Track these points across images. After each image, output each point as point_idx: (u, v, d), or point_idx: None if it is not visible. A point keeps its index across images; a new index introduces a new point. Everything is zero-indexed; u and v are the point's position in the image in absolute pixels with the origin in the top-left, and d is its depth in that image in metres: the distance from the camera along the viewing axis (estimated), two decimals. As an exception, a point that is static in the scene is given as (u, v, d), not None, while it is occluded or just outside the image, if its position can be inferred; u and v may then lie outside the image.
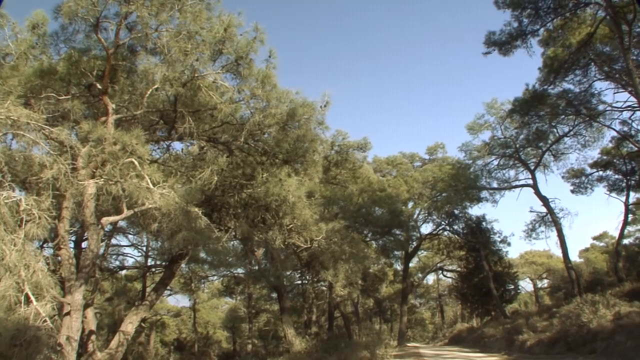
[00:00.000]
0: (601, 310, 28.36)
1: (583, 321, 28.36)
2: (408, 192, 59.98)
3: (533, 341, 33.84)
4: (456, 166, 60.23)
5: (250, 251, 34.78)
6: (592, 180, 55.34)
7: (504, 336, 40.46)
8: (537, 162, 55.26)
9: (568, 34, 41.88)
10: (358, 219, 52.61)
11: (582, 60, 43.67)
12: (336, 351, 33.59)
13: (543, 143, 53.57)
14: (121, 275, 47.58)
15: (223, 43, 20.36)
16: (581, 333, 27.94)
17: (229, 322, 76.02)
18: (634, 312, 26.23)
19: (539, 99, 45.77)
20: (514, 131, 54.66)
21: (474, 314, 73.24)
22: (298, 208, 25.32)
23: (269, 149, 25.15)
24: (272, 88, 23.25)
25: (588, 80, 45.89)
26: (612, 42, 41.06)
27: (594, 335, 26.72)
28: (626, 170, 50.87)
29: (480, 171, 58.09)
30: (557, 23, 41.22)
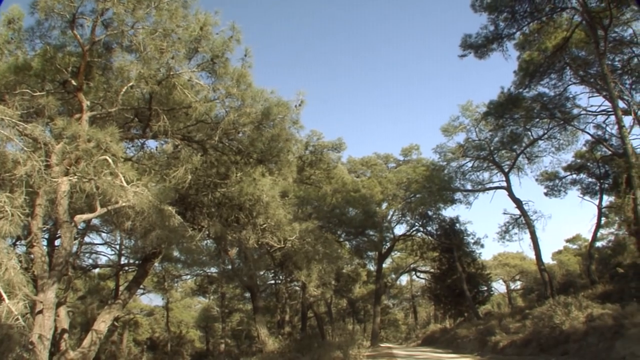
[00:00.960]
0: (574, 312, 28.53)
1: (555, 323, 28.54)
2: (382, 193, 60.13)
3: (506, 342, 34.02)
4: (430, 168, 60.51)
5: (223, 250, 34.65)
6: (565, 183, 55.73)
7: (477, 337, 40.65)
8: (511, 165, 55.66)
9: (544, 38, 42.25)
10: (332, 219, 52.64)
11: (557, 64, 44.10)
12: (309, 351, 33.54)
13: (517, 146, 53.98)
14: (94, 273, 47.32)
15: (199, 41, 20.31)
16: (554, 334, 28.12)
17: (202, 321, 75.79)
18: (606, 314, 26.39)
19: (514, 102, 46.10)
20: (488, 134, 55.07)
21: (447, 315, 73.55)
22: (272, 208, 25.22)
23: (243, 148, 25.06)
24: (248, 87, 23.20)
25: (563, 84, 46.46)
26: (588, 46, 41.52)
27: (567, 336, 26.90)
28: (600, 173, 51.23)
29: (454, 173, 58.51)
30: (533, 27, 41.59)
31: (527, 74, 44.48)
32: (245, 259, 37.42)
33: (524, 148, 54.23)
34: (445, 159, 59.27)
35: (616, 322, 24.51)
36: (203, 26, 20.08)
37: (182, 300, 78.23)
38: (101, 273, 49.56)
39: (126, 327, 63.19)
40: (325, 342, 40.24)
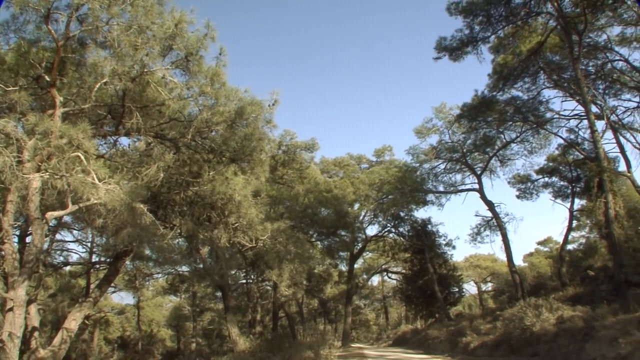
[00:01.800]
0: (544, 314, 28.67)
1: (526, 324, 28.66)
2: (354, 193, 60.16)
3: (476, 343, 34.14)
4: (403, 169, 60.61)
5: (195, 249, 34.58)
6: (537, 186, 56.14)
7: (448, 338, 40.74)
8: (484, 167, 55.96)
9: (519, 42, 42.60)
10: (304, 219, 52.60)
11: (531, 68, 44.52)
12: (280, 351, 33.51)
13: (490, 148, 54.32)
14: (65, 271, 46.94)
15: (174, 39, 20.19)
16: (524, 336, 28.24)
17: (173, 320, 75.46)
18: (576, 316, 26.56)
19: (488, 105, 46.37)
20: (461, 136, 55.29)
21: (418, 316, 73.73)
22: (244, 207, 25.21)
23: (216, 147, 24.96)
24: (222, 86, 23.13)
25: (537, 88, 46.97)
26: (562, 51, 41.94)
27: (537, 338, 27.04)
28: (572, 177, 51.62)
29: (427, 174, 58.70)
30: (508, 31, 41.91)
31: (501, 77, 44.80)
32: (216, 258, 37.41)
33: (496, 151, 54.56)
34: (418, 160, 59.39)
35: (586, 324, 24.69)
36: (178, 23, 19.97)
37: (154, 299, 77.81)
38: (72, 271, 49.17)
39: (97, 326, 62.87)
40: (296, 342, 40.19)
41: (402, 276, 74.34)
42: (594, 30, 42.56)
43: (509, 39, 42.93)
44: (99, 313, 61.13)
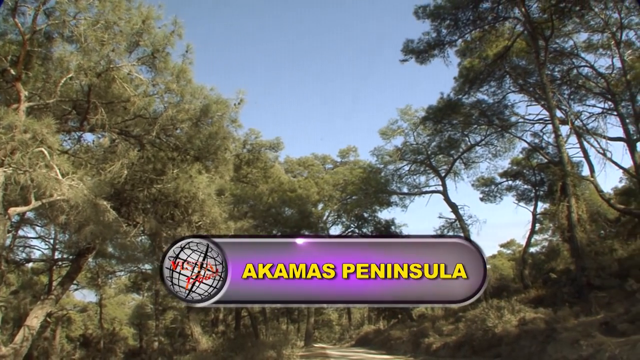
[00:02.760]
0: (506, 316, 28.82)
1: (488, 326, 28.77)
2: (318, 193, 60.20)
3: (439, 344, 34.28)
4: (367, 170, 60.58)
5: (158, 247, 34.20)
6: (501, 189, 56.55)
7: (410, 339, 40.84)
8: (448, 169, 56.19)
9: (485, 46, 42.87)
10: (267, 218, 52.61)
11: (497, 72, 44.79)
12: (242, 350, 33.38)
13: (455, 151, 54.56)
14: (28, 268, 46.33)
15: (140, 35, 20.11)
16: (486, 337, 28.36)
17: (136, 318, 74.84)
18: (538, 318, 26.77)
19: (453, 108, 46.61)
20: (426, 138, 55.43)
21: (380, 316, 73.71)
22: (207, 205, 25.13)
23: (180, 145, 24.89)
24: (187, 83, 23.07)
25: (502, 92, 47.30)
26: (529, 56, 42.31)
27: (499, 339, 27.19)
28: (535, 181, 52.05)
29: (391, 176, 58.64)
30: (475, 35, 42.14)
31: (467, 81, 45.03)
32: (180, 256, 37.17)
33: (461, 153, 54.82)
34: (383, 161, 59.37)
35: (548, 326, 24.87)
36: (145, 19, 19.90)
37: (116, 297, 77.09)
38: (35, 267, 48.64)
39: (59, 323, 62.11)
40: (258, 342, 40.03)
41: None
42: (561, 36, 43.04)
43: (475, 43, 43.14)
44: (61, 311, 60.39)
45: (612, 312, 23.42)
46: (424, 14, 40.04)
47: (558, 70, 45.74)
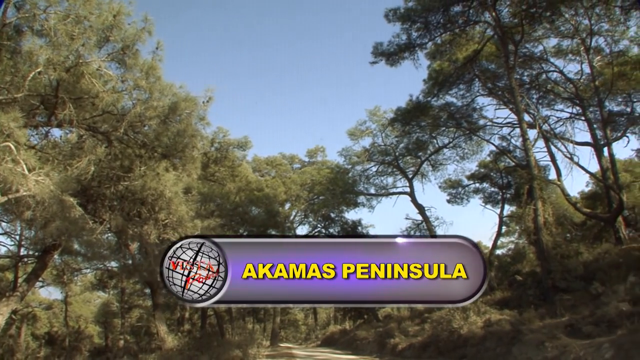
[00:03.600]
0: (472, 317, 28.94)
1: (454, 327, 28.88)
2: (286, 193, 60.27)
3: (404, 345, 34.36)
4: (335, 170, 60.66)
5: (124, 245, 34.05)
6: (468, 191, 56.96)
7: (376, 339, 40.91)
8: (416, 171, 56.45)
9: (455, 49, 43.07)
10: (235, 217, 52.48)
11: (467, 75, 45.06)
12: (208, 350, 33.28)
13: (422, 153, 54.85)
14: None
15: (111, 30, 19.94)
16: (452, 338, 28.48)
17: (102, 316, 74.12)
18: (504, 320, 26.90)
19: (422, 110, 46.73)
20: (394, 139, 55.62)
21: (346, 317, 73.85)
22: (174, 203, 25.02)
23: (148, 142, 24.72)
24: (157, 80, 22.95)
25: (471, 95, 47.64)
26: (498, 60, 42.59)
27: (465, 341, 27.30)
28: (502, 183, 52.47)
29: (358, 176, 58.77)
30: (445, 38, 42.30)
31: (436, 83, 45.18)
32: (146, 254, 36.96)
33: (428, 155, 55.09)
34: (351, 162, 59.46)
35: (514, 327, 25.01)
36: (116, 15, 19.73)
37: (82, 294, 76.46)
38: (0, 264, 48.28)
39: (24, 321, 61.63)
40: (224, 341, 39.95)
41: (332, 277, 74.29)
42: (531, 41, 43.45)
43: (446, 46, 43.25)
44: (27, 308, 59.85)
45: (577, 315, 23.57)
46: (395, 16, 40.05)
47: (527, 74, 46.21)
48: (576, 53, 43.82)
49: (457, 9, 39.58)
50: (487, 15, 39.25)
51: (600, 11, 38.10)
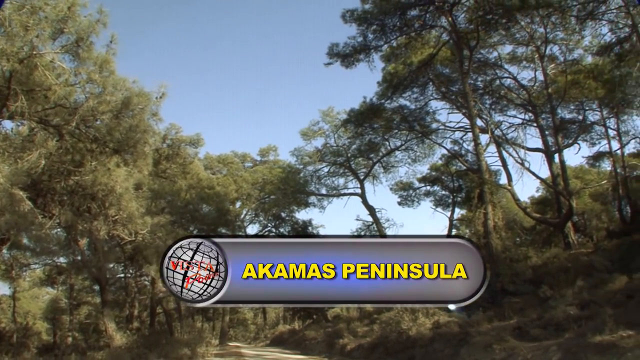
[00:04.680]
0: (421, 319, 29.11)
1: (403, 328, 29.03)
2: (237, 191, 60.04)
3: (353, 345, 34.46)
4: (287, 170, 60.45)
5: (74, 240, 33.66)
6: (419, 194, 57.55)
7: (325, 339, 40.96)
8: (367, 173, 56.49)
9: (411, 53, 43.25)
10: (185, 214, 52.24)
11: (421, 79, 45.31)
12: (157, 348, 33.11)
13: (374, 154, 54.87)
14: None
15: (65, 22, 19.70)
16: (401, 339, 28.59)
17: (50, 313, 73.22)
18: (452, 322, 27.17)
19: (375, 112, 46.83)
20: (347, 140, 55.58)
21: (296, 316, 73.87)
22: (125, 199, 24.86)
23: (100, 137, 24.51)
24: (110, 74, 22.78)
25: (425, 98, 47.95)
26: (453, 65, 43.07)
27: (413, 342, 27.42)
28: (453, 187, 53.05)
29: (310, 177, 58.60)
30: (401, 41, 42.44)
31: (390, 86, 45.29)
32: (95, 250, 36.62)
33: (380, 157, 55.22)
34: (302, 162, 59.30)
35: (462, 329, 25.23)
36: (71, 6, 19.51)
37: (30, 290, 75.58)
38: (-52, 259, 47.55)
39: (-29, 316, 60.86)
40: (173, 339, 39.79)
41: (282, 276, 74.15)
42: (486, 47, 43.99)
43: (401, 49, 43.39)
44: (-26, 303, 59.17)
45: (525, 318, 23.82)
46: (352, 18, 40.04)
47: (481, 80, 46.82)
48: (530, 60, 44.52)
49: (414, 12, 39.77)
50: (444, 20, 39.52)
51: (556, 20, 38.59)
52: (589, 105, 45.21)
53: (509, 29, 40.75)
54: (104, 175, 22.97)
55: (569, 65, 42.56)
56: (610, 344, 15.54)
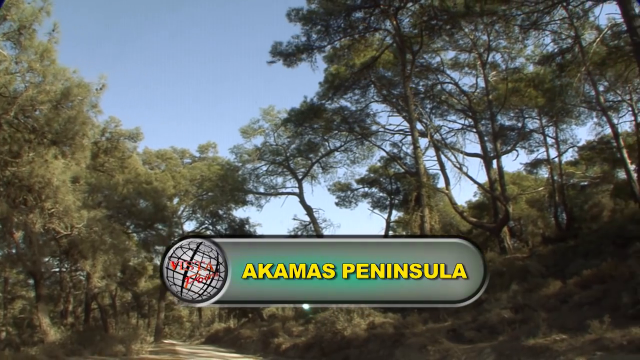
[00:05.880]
0: (356, 319, 29.22)
1: (338, 328, 29.05)
2: (175, 187, 59.59)
3: (288, 345, 34.45)
4: (225, 167, 60.38)
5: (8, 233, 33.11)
6: (357, 195, 57.77)
7: (260, 338, 40.86)
8: (306, 172, 56.70)
9: (354, 55, 43.54)
10: (122, 209, 51.79)
11: (363, 81, 45.79)
12: (91, 344, 32.73)
13: (313, 155, 55.19)
14: None
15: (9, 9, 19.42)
16: (336, 340, 28.61)
17: (-17, 307, 72.32)
18: (387, 323, 27.31)
19: (315, 112, 47.09)
20: (286, 140, 55.84)
21: (231, 315, 73.68)
22: (62, 192, 24.58)
23: (38, 127, 24.24)
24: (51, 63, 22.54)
25: (366, 100, 48.52)
26: (395, 68, 43.46)
27: (348, 342, 27.48)
28: (391, 189, 53.47)
29: (248, 175, 58.64)
30: (344, 42, 42.67)
31: (332, 87, 45.56)
32: (30, 243, 36.08)
33: (319, 157, 55.49)
34: (241, 160, 59.18)
35: (397, 331, 25.40)
36: (16, -8, 19.28)
37: (-37, 283, 74.38)
38: None
39: None
40: (108, 336, 39.34)
41: (219, 274, 73.77)
42: (429, 52, 44.75)
43: (344, 51, 43.59)
44: None
45: (459, 320, 24.02)
46: (296, 17, 40.08)
47: (423, 84, 47.51)
48: (472, 67, 45.23)
49: (359, 15, 40.02)
50: (388, 23, 39.85)
51: (500, 28, 39.17)
52: (529, 113, 46.20)
53: (452, 35, 41.38)
54: (42, 166, 22.68)
55: (511, 73, 43.40)
56: (543, 347, 15.79)
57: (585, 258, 27.44)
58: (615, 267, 21.12)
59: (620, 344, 13.71)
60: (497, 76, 44.72)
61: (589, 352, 14.32)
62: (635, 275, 17.53)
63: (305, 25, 40.33)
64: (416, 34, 39.73)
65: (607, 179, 49.20)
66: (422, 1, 38.87)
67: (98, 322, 54.84)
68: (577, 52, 35.69)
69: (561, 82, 39.59)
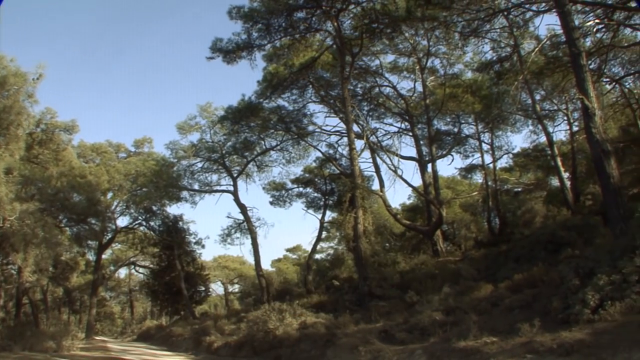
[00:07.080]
0: (288, 319, 29.50)
1: (270, 328, 29.26)
2: (109, 182, 58.91)
3: (220, 343, 34.56)
4: (160, 163, 59.91)
5: None
6: (292, 195, 58.08)
7: (192, 336, 40.95)
8: (241, 171, 56.81)
9: (293, 54, 43.63)
10: (55, 203, 51.04)
11: (301, 81, 46.15)
12: (22, 339, 32.35)
13: (249, 153, 55.38)
14: None
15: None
16: (267, 339, 28.82)
17: None
18: (319, 323, 27.59)
19: (252, 111, 47.25)
20: (222, 137, 55.72)
21: (163, 312, 73.51)
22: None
23: (-29, 117, 23.96)
24: (-14, 51, 22.29)
25: (304, 100, 49.00)
26: (334, 69, 43.83)
27: (280, 341, 27.72)
28: (326, 190, 53.86)
29: (183, 171, 58.30)
30: (285, 42, 42.70)
31: (270, 86, 45.76)
32: (-38, 235, 35.63)
33: (255, 156, 55.74)
34: (177, 156, 58.80)
35: (329, 331, 25.70)
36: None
37: None
38: None
39: None
40: (38, 331, 38.92)
41: (150, 271, 73.36)
42: (368, 55, 45.42)
43: (284, 50, 43.67)
44: None
45: (391, 321, 24.40)
46: (238, 14, 39.96)
47: (361, 86, 48.29)
48: (411, 71, 46.09)
49: (301, 15, 40.04)
50: (329, 24, 39.98)
51: (440, 34, 39.81)
52: (465, 118, 47.27)
53: (393, 38, 41.91)
54: (-26, 157, 22.42)
55: (449, 79, 44.37)
56: (474, 349, 16.18)
57: (517, 263, 28.09)
58: (546, 272, 21.68)
59: (550, 347, 14.11)
60: (435, 81, 45.61)
61: (519, 354, 14.72)
62: (566, 280, 17.98)
63: (246, 23, 40.25)
64: (357, 37, 40.01)
65: (540, 185, 50.44)
66: (364, 4, 39.10)
67: (29, 318, 54.18)
68: (515, 61, 36.54)
69: (498, 90, 40.50)
